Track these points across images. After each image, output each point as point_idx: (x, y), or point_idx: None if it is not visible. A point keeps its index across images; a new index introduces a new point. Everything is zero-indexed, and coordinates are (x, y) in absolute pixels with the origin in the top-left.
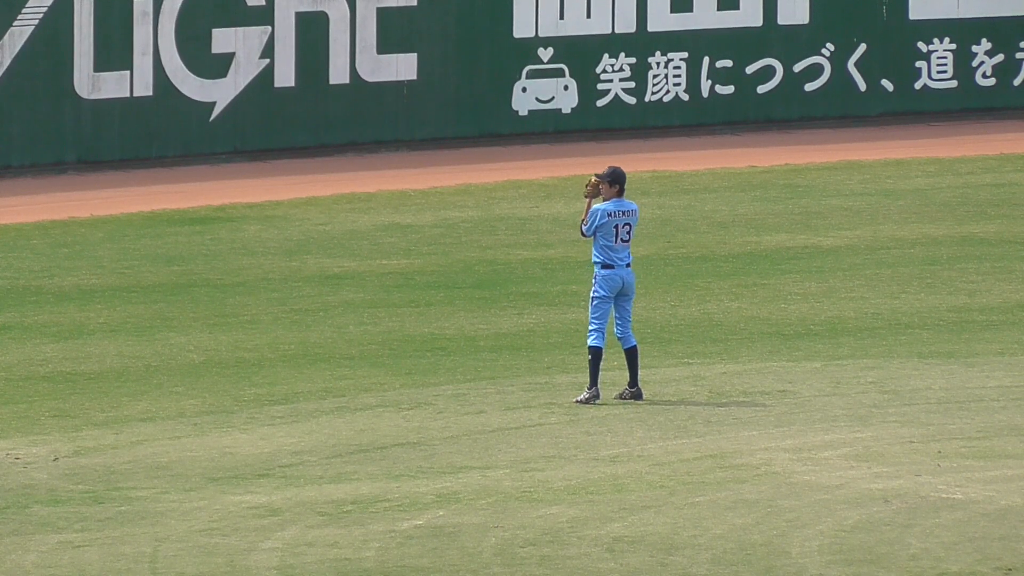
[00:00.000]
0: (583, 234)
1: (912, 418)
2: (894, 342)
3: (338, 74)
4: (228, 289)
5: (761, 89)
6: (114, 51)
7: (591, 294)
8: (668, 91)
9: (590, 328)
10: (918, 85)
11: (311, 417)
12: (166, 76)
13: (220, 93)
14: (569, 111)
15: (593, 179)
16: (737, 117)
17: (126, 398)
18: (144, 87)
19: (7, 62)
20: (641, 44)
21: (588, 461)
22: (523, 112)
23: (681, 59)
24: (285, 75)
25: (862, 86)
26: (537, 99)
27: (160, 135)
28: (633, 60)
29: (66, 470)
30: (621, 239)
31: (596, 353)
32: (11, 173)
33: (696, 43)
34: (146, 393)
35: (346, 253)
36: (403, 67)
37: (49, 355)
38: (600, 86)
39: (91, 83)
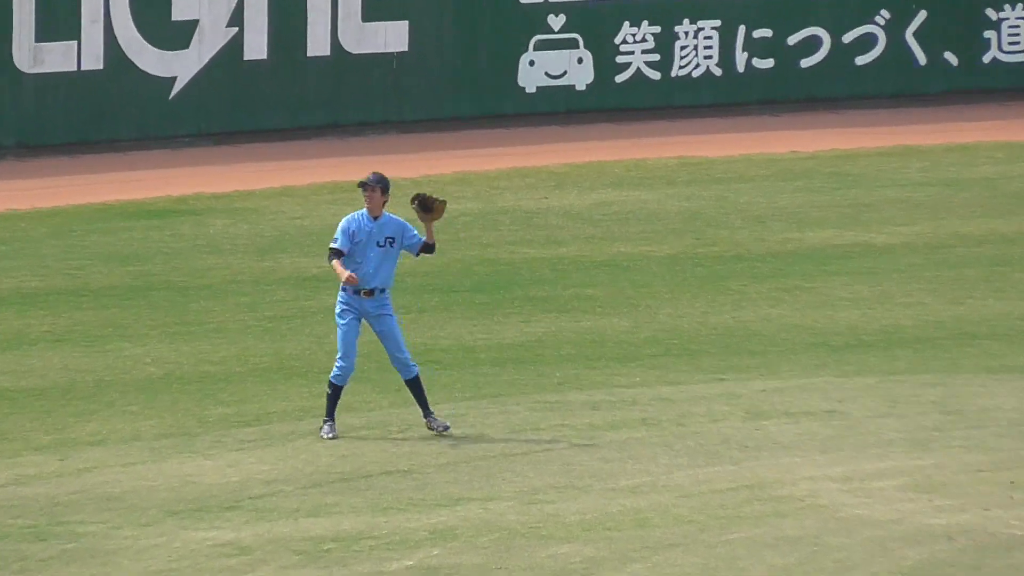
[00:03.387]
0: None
1: (979, 443)
2: (958, 355)
3: (317, 45)
4: (191, 293)
5: (804, 63)
6: (59, 18)
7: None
8: (697, 65)
9: (408, 355)
10: (986, 58)
11: (286, 441)
12: (119, 47)
13: (181, 67)
14: (584, 88)
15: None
16: (777, 95)
17: (72, 418)
18: (94, 60)
19: None
20: (666, 11)
21: (605, 492)
22: (530, 89)
23: (712, 28)
24: (256, 46)
25: (921, 59)
26: (547, 74)
27: (112, 115)
28: (657, 29)
29: (3, 502)
30: None
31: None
32: None
33: (730, 10)
34: (96, 413)
35: (325, 251)
36: (392, 37)
37: None
38: (619, 59)
39: (32, 55)
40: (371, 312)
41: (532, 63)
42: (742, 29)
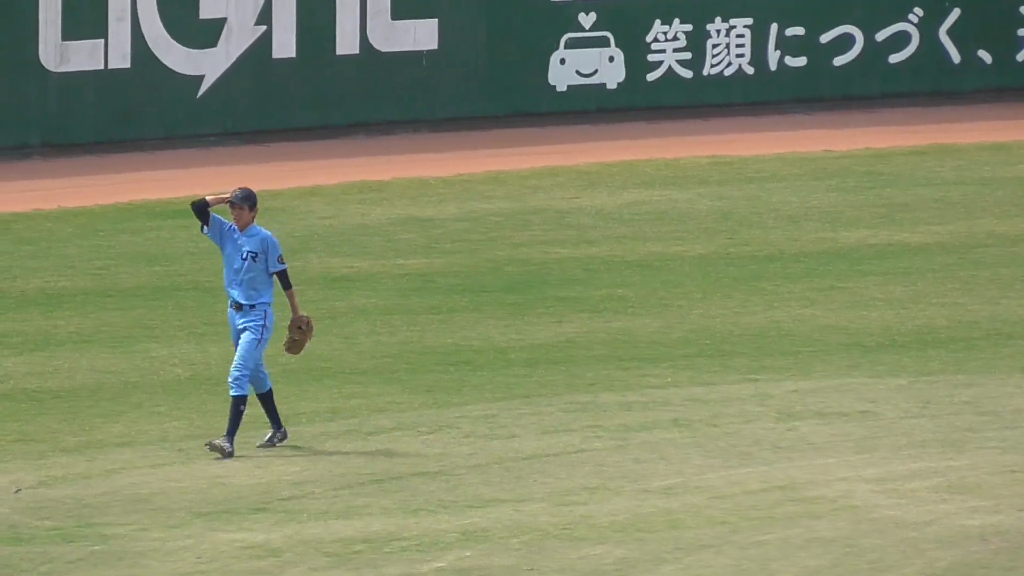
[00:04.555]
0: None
1: (1014, 444)
2: (993, 355)
3: (346, 43)
4: (218, 293)
5: (838, 61)
6: (85, 16)
7: (261, 336)
8: (730, 63)
9: (246, 374)
10: (1020, 56)
11: (316, 442)
12: (146, 45)
13: (209, 65)
14: (615, 86)
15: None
16: (810, 93)
17: (100, 420)
18: (120, 58)
19: None
20: (698, 9)
21: (638, 493)
22: (561, 87)
23: (745, 26)
24: (284, 44)
25: (955, 57)
26: (578, 72)
27: (139, 114)
28: (689, 27)
29: (30, 504)
30: None
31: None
32: None
33: (762, 8)
34: (123, 414)
35: (356, 251)
36: (422, 35)
37: (10, 370)
38: (651, 57)
39: (58, 54)
40: (238, 324)
41: (563, 61)
42: (774, 27)
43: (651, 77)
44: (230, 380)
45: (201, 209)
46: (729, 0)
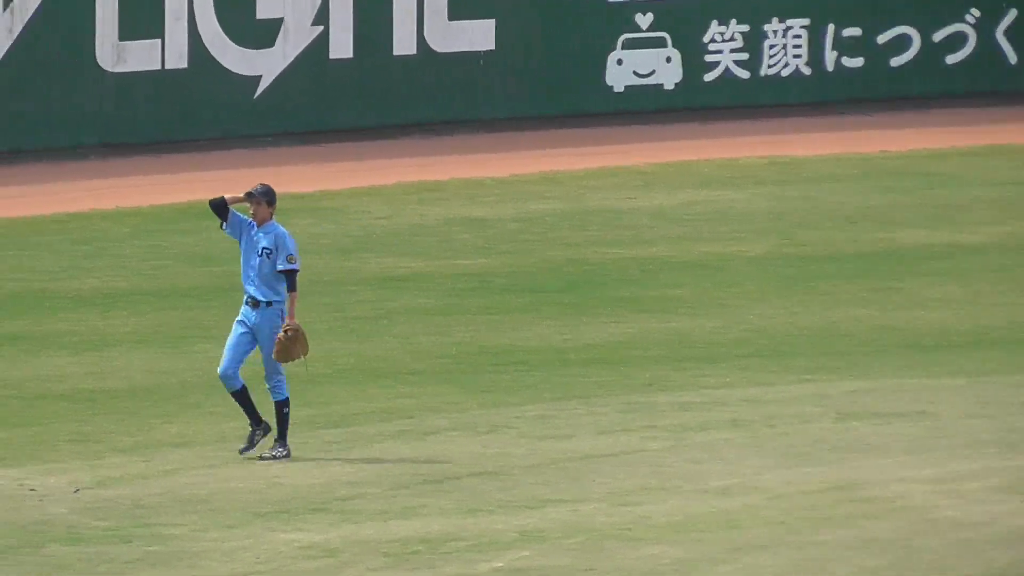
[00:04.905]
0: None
1: None
2: None
3: (403, 44)
4: None
5: (894, 62)
6: (142, 16)
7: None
8: (786, 64)
9: (281, 377)
10: None
11: (372, 442)
12: (203, 45)
13: (266, 65)
14: (672, 87)
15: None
16: (866, 94)
17: (156, 420)
18: (177, 58)
19: (17, 29)
20: (755, 9)
21: (694, 493)
22: (618, 88)
23: (801, 27)
24: (341, 45)
25: (1012, 58)
26: (635, 73)
27: (196, 114)
28: (746, 28)
29: (88, 504)
30: None
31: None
32: (23, 158)
33: (819, 8)
34: (180, 414)
35: (412, 251)
36: (478, 35)
37: (67, 370)
38: (708, 58)
39: (115, 54)
40: (255, 323)
41: (620, 62)
42: (831, 28)
43: (708, 77)
44: (268, 387)
45: (219, 206)
46: (786, 0)
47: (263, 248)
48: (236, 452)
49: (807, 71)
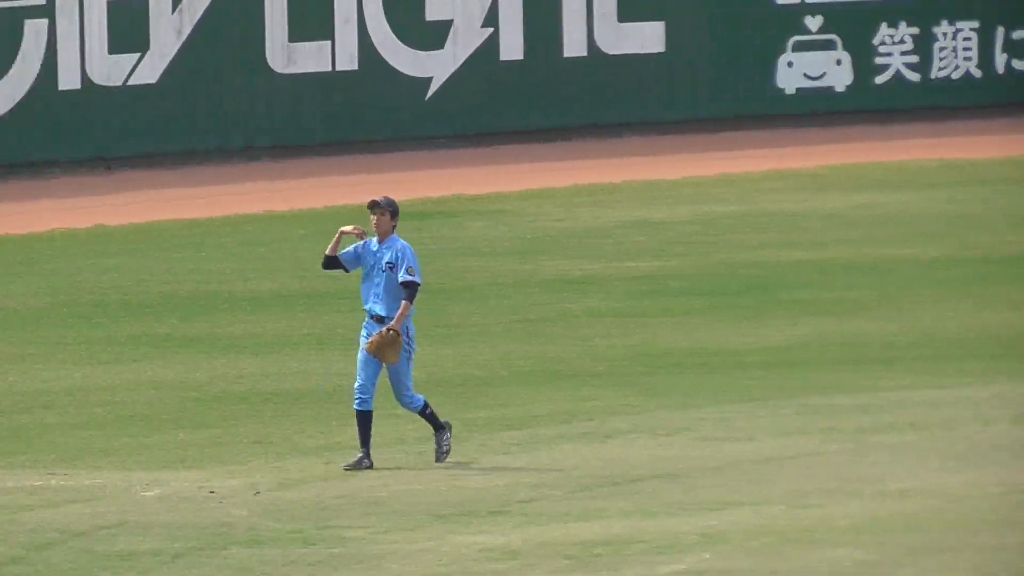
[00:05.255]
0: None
1: None
2: None
3: (573, 46)
4: (451, 296)
5: None
6: (312, 18)
7: (409, 352)
8: (957, 67)
9: (410, 392)
10: None
11: (552, 444)
12: (373, 47)
13: (436, 67)
14: (843, 89)
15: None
16: None
17: (336, 422)
18: (348, 60)
19: (187, 31)
20: (925, 11)
21: (875, 496)
22: (789, 90)
23: (971, 29)
24: (512, 46)
25: None
26: (805, 75)
27: (367, 116)
28: (916, 30)
29: (269, 506)
30: None
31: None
32: (195, 160)
33: (989, 10)
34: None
35: (587, 254)
36: (649, 38)
37: (246, 371)
38: (878, 60)
39: (286, 55)
40: None
41: (790, 64)
42: (1001, 30)
43: (879, 80)
44: (403, 404)
45: (330, 260)
46: (956, 3)
47: (386, 263)
48: (416, 454)
49: (978, 74)
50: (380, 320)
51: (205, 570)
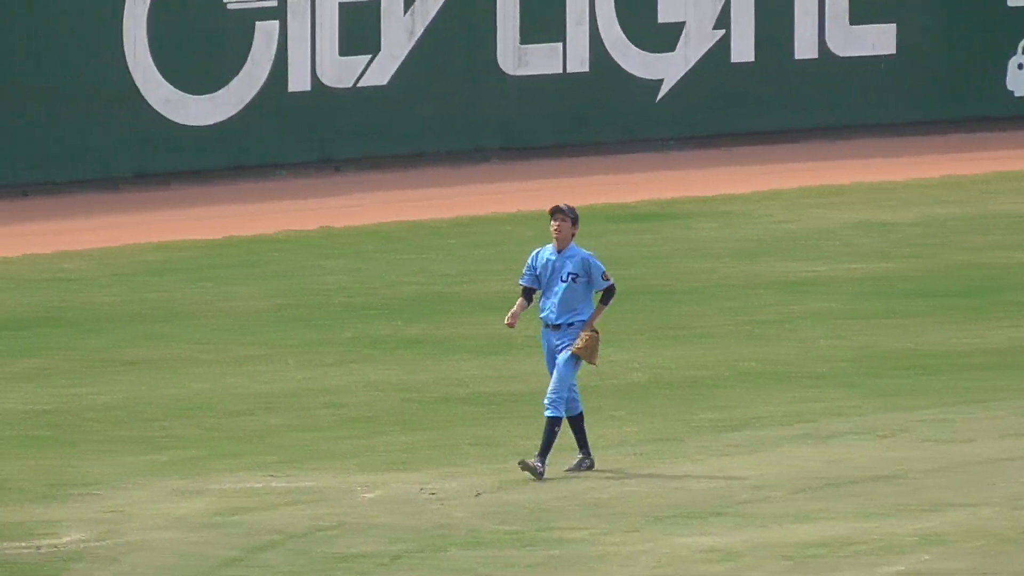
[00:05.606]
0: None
1: None
2: None
3: (804, 47)
4: (676, 297)
5: None
6: (544, 19)
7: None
8: None
9: (563, 395)
10: None
11: (773, 446)
12: (604, 49)
13: (668, 69)
14: None
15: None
16: None
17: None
18: (579, 62)
19: (418, 32)
20: None
21: None
22: (1020, 92)
23: None
24: (743, 48)
25: None
26: None
27: (597, 118)
28: None
29: (489, 508)
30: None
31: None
32: (424, 161)
33: None
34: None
35: (814, 255)
36: (880, 39)
37: (469, 373)
38: None
39: (517, 57)
40: (555, 344)
41: (1021, 66)
42: None
43: None
44: (545, 401)
45: (527, 293)
46: None
47: (568, 274)
48: (637, 455)
49: None
50: (557, 328)
51: (423, 572)
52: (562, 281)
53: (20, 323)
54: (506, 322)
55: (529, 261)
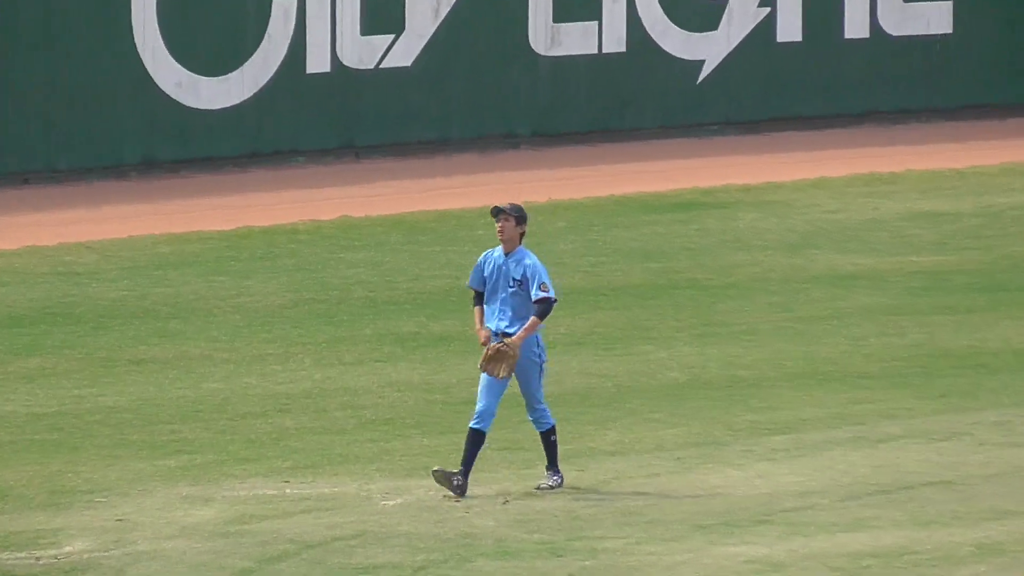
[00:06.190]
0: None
1: None
2: None
3: (855, 27)
4: (718, 292)
5: None
6: None
7: (540, 365)
8: None
9: (544, 406)
10: None
11: (821, 450)
12: (643, 28)
13: (709, 49)
14: None
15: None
16: None
17: (591, 427)
18: (615, 42)
19: (445, 10)
20: None
21: None
22: None
23: None
24: (789, 27)
25: None
26: None
27: (634, 101)
28: None
29: (517, 516)
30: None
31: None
32: (451, 148)
33: None
34: (616, 420)
35: (863, 247)
36: (935, 19)
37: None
38: None
39: (549, 36)
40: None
41: None
42: None
43: None
44: (531, 419)
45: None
46: None
47: (513, 279)
48: (675, 459)
49: None
50: (507, 337)
51: None
52: (508, 287)
53: (21, 320)
54: (481, 342)
55: (478, 262)
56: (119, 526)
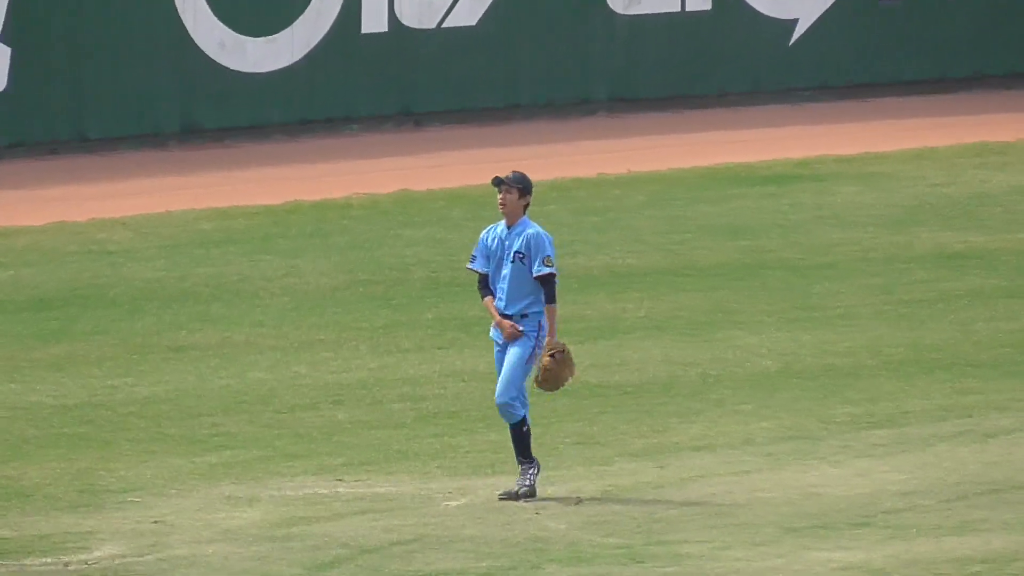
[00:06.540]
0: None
1: None
2: None
3: None
4: (812, 273)
5: None
6: None
7: (532, 351)
8: None
9: (514, 396)
10: None
11: (925, 445)
12: None
13: (803, 9)
14: None
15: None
16: None
17: (674, 419)
18: (700, 0)
19: None
20: None
21: None
22: None
23: None
24: None
25: None
26: None
27: (721, 64)
28: None
29: (592, 517)
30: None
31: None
32: (521, 114)
33: None
34: (701, 413)
35: (973, 224)
36: None
37: (587, 362)
38: None
39: None
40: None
41: None
42: None
43: None
44: (498, 404)
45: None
46: None
47: (515, 253)
48: (765, 455)
49: None
50: (508, 318)
51: None
52: (510, 261)
53: (49, 303)
54: (506, 335)
55: (481, 238)
56: (155, 529)
